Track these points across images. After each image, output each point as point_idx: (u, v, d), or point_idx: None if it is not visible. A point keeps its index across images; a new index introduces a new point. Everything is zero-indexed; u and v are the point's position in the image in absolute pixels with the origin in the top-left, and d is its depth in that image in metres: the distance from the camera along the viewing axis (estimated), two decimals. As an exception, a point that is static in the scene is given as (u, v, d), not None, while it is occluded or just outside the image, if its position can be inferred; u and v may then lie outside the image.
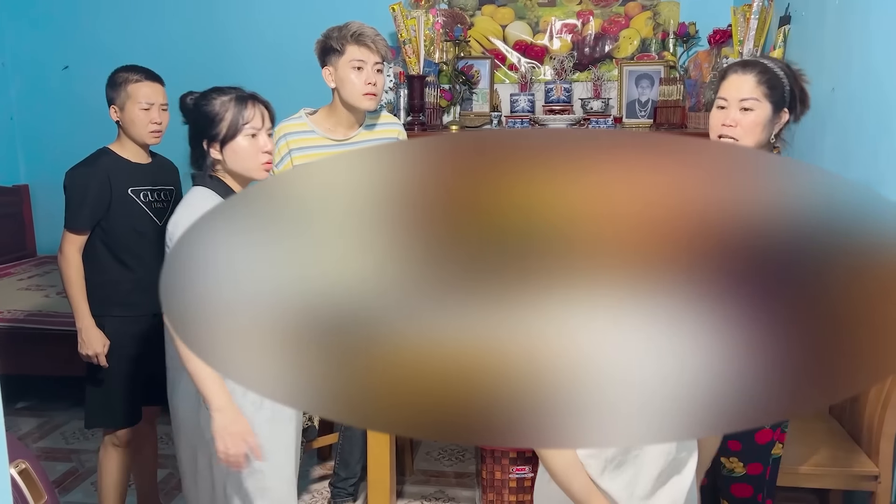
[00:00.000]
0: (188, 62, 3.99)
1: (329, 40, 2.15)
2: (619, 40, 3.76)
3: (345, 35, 2.13)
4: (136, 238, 2.19)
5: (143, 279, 2.20)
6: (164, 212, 2.27)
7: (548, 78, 3.80)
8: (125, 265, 2.19)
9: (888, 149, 2.13)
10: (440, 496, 2.65)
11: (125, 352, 2.20)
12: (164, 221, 2.23)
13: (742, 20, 3.22)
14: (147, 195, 2.23)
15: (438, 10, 3.75)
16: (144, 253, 2.21)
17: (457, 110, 3.70)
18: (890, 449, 1.94)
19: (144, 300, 2.19)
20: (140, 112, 2.14)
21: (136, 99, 2.13)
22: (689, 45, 3.61)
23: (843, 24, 2.50)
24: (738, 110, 1.70)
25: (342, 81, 2.15)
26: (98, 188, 2.13)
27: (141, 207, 2.21)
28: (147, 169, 2.25)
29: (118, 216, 2.16)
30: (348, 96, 2.15)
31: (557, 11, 3.82)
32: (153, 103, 2.15)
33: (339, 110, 2.21)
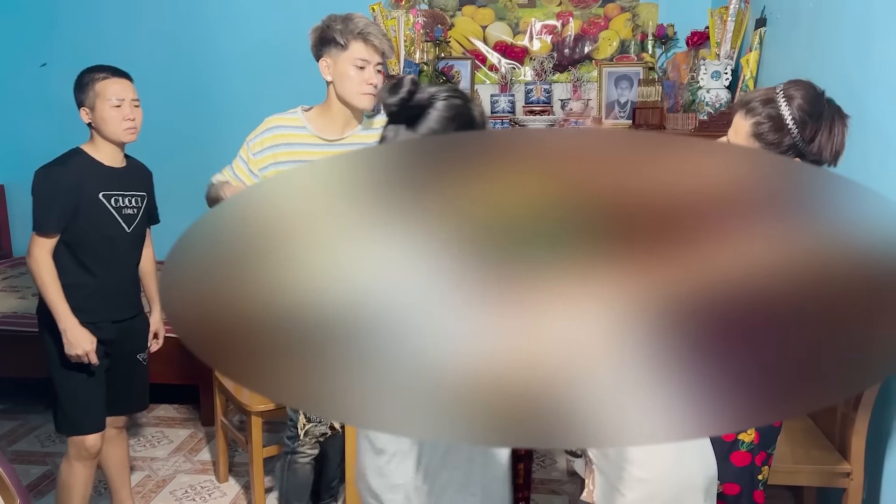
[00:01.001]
0: (170, 59, 3.96)
1: (331, 31, 2.01)
2: (598, 41, 3.78)
3: (351, 30, 2.00)
4: (103, 244, 2.13)
5: (105, 286, 2.15)
6: (133, 218, 2.21)
7: (528, 79, 3.82)
8: (88, 270, 2.13)
9: (860, 149, 2.16)
10: (419, 496, 2.65)
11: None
12: (133, 228, 2.21)
13: (719, 22, 3.25)
14: (118, 200, 2.17)
15: (419, 10, 3.75)
16: (110, 259, 2.16)
17: (437, 111, 3.69)
18: (861, 446, 1.97)
19: (104, 307, 2.15)
20: (111, 110, 2.08)
21: (105, 97, 2.08)
22: (667, 46, 3.63)
23: (816, 27, 2.53)
24: None
25: (341, 76, 2.03)
26: (68, 190, 2.06)
27: (111, 213, 2.14)
28: (120, 173, 2.19)
29: (86, 220, 2.10)
30: (345, 93, 2.04)
31: (537, 12, 3.84)
32: (123, 99, 2.10)
33: (334, 107, 2.08)
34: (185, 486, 2.73)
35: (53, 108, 3.91)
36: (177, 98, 3.97)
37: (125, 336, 2.23)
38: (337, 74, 2.03)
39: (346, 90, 2.03)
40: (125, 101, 2.10)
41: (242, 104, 3.97)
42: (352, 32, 1.99)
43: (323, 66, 2.05)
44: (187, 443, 3.05)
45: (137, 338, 2.30)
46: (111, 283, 2.17)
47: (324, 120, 2.09)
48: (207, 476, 2.79)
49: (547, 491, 2.68)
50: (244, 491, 2.68)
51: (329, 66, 2.04)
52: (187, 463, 2.89)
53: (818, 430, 2.16)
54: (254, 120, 2.13)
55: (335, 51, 2.02)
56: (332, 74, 2.05)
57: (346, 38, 1.99)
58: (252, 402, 2.42)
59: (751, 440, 1.66)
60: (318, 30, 2.06)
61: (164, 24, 3.98)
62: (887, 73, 2.01)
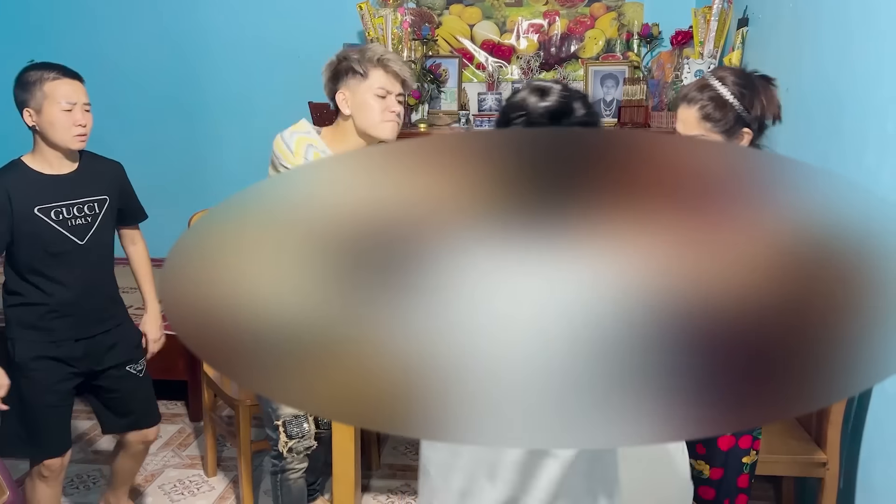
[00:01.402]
0: (162, 55, 3.97)
1: (348, 62, 1.93)
2: (584, 40, 3.82)
3: (370, 58, 1.92)
4: (51, 261, 1.96)
5: (62, 303, 1.99)
6: (87, 228, 2.03)
7: (515, 77, 3.85)
8: (40, 290, 1.97)
9: (837, 148, 2.21)
10: (406, 489, 2.68)
11: (46, 380, 1.99)
12: (89, 238, 2.02)
13: (703, 22, 3.30)
14: (61, 212, 1.98)
15: (406, 8, 3.78)
16: (64, 276, 1.99)
17: (425, 109, 3.73)
18: (837, 437, 2.01)
19: (64, 325, 2.00)
20: (61, 114, 1.91)
21: (54, 99, 1.90)
22: (652, 45, 3.67)
23: (797, 27, 2.58)
24: None
25: (361, 107, 1.93)
26: (0, 210, 1.89)
27: (52, 227, 1.96)
28: (66, 180, 2.00)
29: (25, 239, 1.92)
30: (367, 124, 1.93)
31: (524, 11, 3.87)
32: (75, 103, 1.92)
33: (350, 137, 1.97)
34: (174, 480, 2.75)
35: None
36: (167, 94, 3.98)
37: (103, 352, 2.09)
38: (356, 106, 1.94)
39: (367, 120, 1.93)
40: (76, 105, 1.93)
41: (233, 102, 3.99)
42: (371, 60, 1.92)
43: (340, 100, 1.95)
44: (176, 438, 3.07)
45: (118, 351, 2.13)
46: (69, 300, 2.00)
47: (338, 147, 1.99)
48: (196, 470, 2.81)
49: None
50: (232, 485, 2.71)
51: (347, 99, 1.94)
52: (176, 458, 2.91)
53: (795, 422, 2.21)
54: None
55: (353, 81, 1.93)
56: (350, 107, 1.94)
57: (365, 66, 1.91)
58: (240, 395, 2.44)
59: None
60: (332, 64, 1.98)
61: (158, 19, 3.98)
62: (863, 73, 2.05)
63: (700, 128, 1.69)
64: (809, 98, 2.44)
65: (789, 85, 2.61)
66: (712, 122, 1.67)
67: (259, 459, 2.66)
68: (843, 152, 2.16)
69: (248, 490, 2.47)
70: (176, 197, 3.75)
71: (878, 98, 1.95)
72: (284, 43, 3.85)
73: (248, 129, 3.96)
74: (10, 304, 2.01)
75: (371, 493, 2.63)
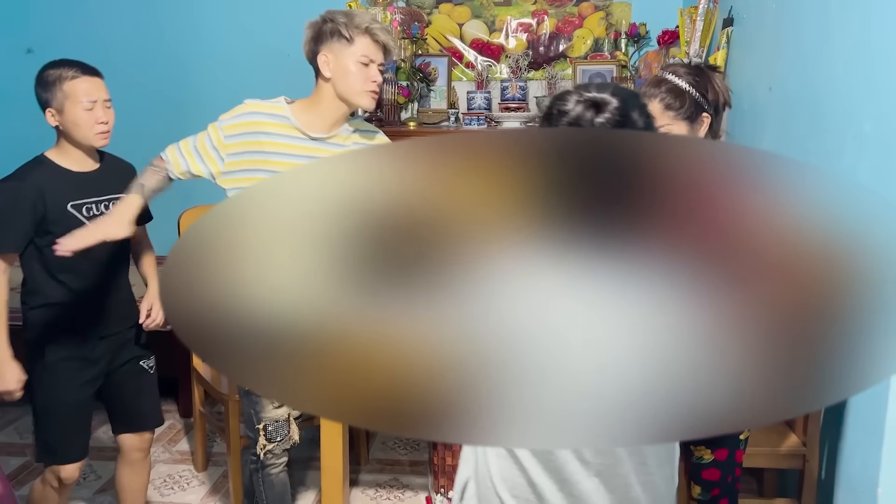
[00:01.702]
0: (152, 50, 3.98)
1: (335, 24, 1.90)
2: (572, 40, 3.86)
3: (358, 25, 1.90)
4: (79, 257, 1.90)
5: (87, 301, 1.99)
6: None
7: (504, 76, 3.88)
8: (66, 287, 1.97)
9: (817, 145, 2.24)
10: (394, 484, 2.71)
11: (72, 381, 1.99)
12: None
13: (689, 22, 3.34)
14: (91, 209, 1.99)
15: (396, 7, 3.81)
16: (89, 273, 1.99)
17: (414, 107, 3.75)
18: (817, 429, 2.05)
19: (88, 323, 2.01)
20: (83, 113, 1.91)
21: (75, 98, 1.89)
22: (639, 45, 3.71)
23: (780, 27, 2.62)
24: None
25: (343, 72, 1.91)
26: (27, 207, 1.90)
27: (83, 224, 1.94)
28: (92, 178, 2.02)
29: (56, 235, 1.86)
30: (348, 91, 1.92)
31: (513, 11, 3.90)
32: (95, 100, 1.92)
33: (327, 103, 1.96)
34: (164, 475, 2.77)
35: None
36: (155, 92, 3.99)
37: (119, 349, 2.10)
38: (338, 70, 1.92)
39: (348, 88, 1.92)
40: (97, 103, 1.93)
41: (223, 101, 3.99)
42: (358, 27, 1.91)
43: (322, 62, 1.93)
44: (166, 434, 3.09)
45: (135, 347, 2.14)
46: (94, 297, 2.01)
47: (309, 115, 1.97)
48: (186, 466, 2.84)
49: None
50: (222, 479, 2.73)
51: (329, 62, 1.92)
52: (166, 453, 2.93)
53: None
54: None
55: (338, 45, 1.91)
56: (331, 70, 1.92)
57: (352, 32, 1.90)
58: (230, 391, 2.47)
59: None
60: (315, 24, 1.95)
61: (149, 17, 3.99)
62: (842, 74, 2.09)
63: (664, 118, 1.83)
64: (792, 97, 2.48)
65: (773, 84, 2.65)
66: (675, 111, 1.83)
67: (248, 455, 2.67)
68: (823, 150, 2.19)
69: (237, 484, 2.49)
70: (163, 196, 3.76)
71: (856, 98, 1.99)
72: (274, 42, 3.87)
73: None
74: (33, 305, 1.99)
75: (360, 487, 2.66)
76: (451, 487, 2.41)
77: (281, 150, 1.95)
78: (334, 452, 2.16)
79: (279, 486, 2.16)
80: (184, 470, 2.81)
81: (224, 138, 1.94)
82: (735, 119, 3.08)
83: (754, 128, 2.83)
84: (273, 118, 1.95)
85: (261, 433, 2.06)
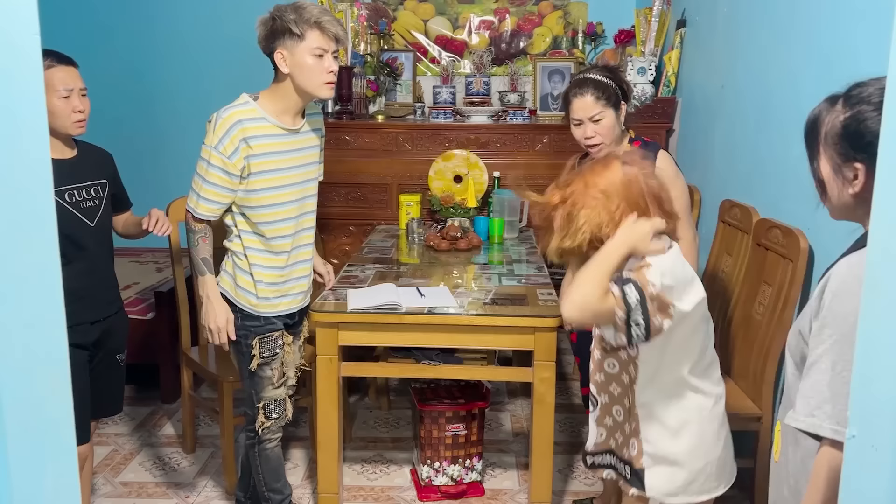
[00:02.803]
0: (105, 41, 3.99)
1: (284, 22, 1.97)
2: (532, 37, 4.05)
3: (307, 20, 1.96)
4: (67, 244, 1.91)
5: (77, 287, 1.95)
6: (95, 210, 2.05)
7: (467, 71, 4.05)
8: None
9: (767, 140, 2.48)
10: (379, 459, 2.86)
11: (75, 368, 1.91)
12: (98, 220, 2.05)
13: (644, 22, 3.56)
14: (73, 195, 2.00)
15: (363, 3, 3.93)
16: (77, 259, 1.98)
17: (382, 101, 3.88)
18: (770, 393, 2.28)
19: (80, 309, 1.99)
20: (59, 101, 1.90)
21: (52, 87, 1.89)
22: (596, 43, 3.92)
23: (731, 29, 2.85)
24: (591, 124, 2.24)
25: (300, 68, 1.99)
26: None
27: (67, 210, 1.97)
28: (72, 164, 2.01)
29: None
30: (307, 84, 2.01)
31: (476, 8, 4.07)
32: (72, 89, 1.93)
33: (290, 97, 2.05)
34: (153, 457, 2.85)
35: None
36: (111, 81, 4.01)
37: (106, 335, 2.12)
38: (295, 66, 2.00)
39: (308, 82, 2.01)
40: (73, 91, 1.93)
41: (189, 96, 4.05)
42: (307, 22, 1.97)
43: (278, 59, 2.00)
44: (149, 419, 3.16)
45: (118, 336, 2.17)
46: (85, 283, 2.01)
47: (277, 108, 2.06)
48: (174, 448, 2.92)
49: (496, 450, 2.93)
50: (211, 460, 2.83)
51: (285, 58, 2.00)
52: (152, 437, 3.00)
53: (730, 379, 2.47)
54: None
55: (290, 42, 1.98)
56: (289, 66, 2.00)
57: (302, 27, 1.97)
58: (222, 373, 2.57)
59: None
60: (266, 22, 2.01)
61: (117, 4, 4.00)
62: (791, 70, 2.32)
63: (597, 107, 2.21)
64: (742, 94, 2.71)
65: (725, 82, 2.89)
66: (604, 100, 2.21)
67: (237, 433, 2.78)
68: (773, 144, 2.42)
69: (230, 462, 2.59)
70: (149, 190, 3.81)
71: (804, 94, 2.21)
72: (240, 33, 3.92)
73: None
74: None
75: (346, 463, 2.79)
76: (437, 459, 2.57)
77: (268, 149, 2.05)
78: (330, 429, 2.29)
79: (274, 460, 2.27)
80: (172, 452, 2.89)
81: (227, 158, 2.00)
82: (688, 115, 3.32)
83: (707, 123, 3.06)
84: (253, 122, 2.03)
85: (260, 411, 2.17)
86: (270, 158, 2.06)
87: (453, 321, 2.20)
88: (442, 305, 2.24)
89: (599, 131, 2.23)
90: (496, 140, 3.52)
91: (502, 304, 2.28)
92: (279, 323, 2.16)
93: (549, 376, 2.21)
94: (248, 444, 2.24)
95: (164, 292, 3.20)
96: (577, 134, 2.28)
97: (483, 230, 3.13)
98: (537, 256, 2.85)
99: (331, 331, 2.21)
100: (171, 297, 3.01)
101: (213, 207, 2.05)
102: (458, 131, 3.54)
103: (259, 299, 2.11)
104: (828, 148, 1.18)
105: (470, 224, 3.20)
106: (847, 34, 1.97)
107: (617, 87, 2.24)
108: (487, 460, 2.80)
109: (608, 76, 2.25)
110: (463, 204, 3.27)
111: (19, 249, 0.74)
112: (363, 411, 3.25)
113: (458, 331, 2.22)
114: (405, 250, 3.00)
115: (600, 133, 2.23)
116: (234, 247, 2.12)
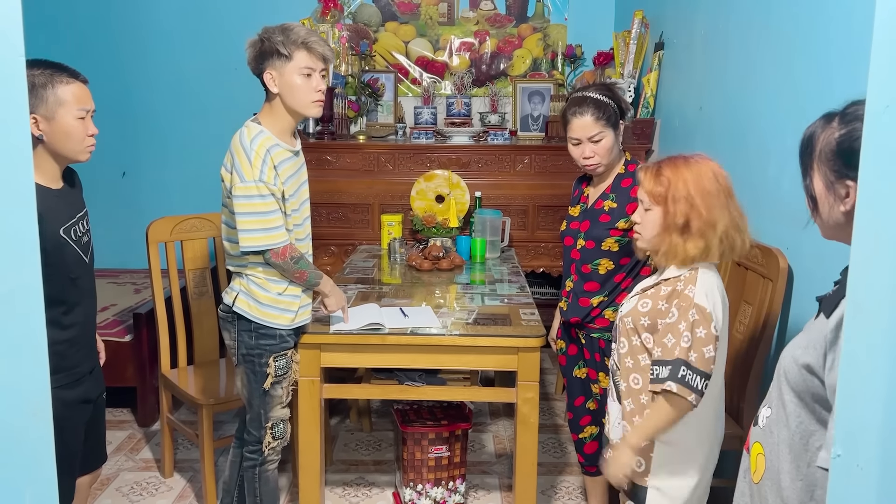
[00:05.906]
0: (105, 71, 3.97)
1: (272, 43, 2.00)
2: (512, 59, 4.09)
3: (294, 40, 2.00)
4: (69, 286, 1.73)
5: (78, 332, 1.79)
6: (89, 244, 1.85)
7: (448, 92, 4.07)
8: (57, 322, 1.70)
9: (745, 160, 2.51)
10: (361, 482, 2.83)
11: (69, 422, 1.76)
12: (90, 254, 1.85)
13: (623, 44, 3.61)
14: (75, 231, 1.78)
15: (344, 24, 3.94)
16: (77, 301, 1.78)
17: (363, 121, 3.89)
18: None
19: (80, 356, 1.81)
20: (76, 122, 1.69)
21: (69, 105, 1.67)
22: (575, 64, 3.97)
23: (708, 51, 2.90)
24: (590, 144, 2.21)
25: (290, 88, 2.03)
26: None
27: (73, 248, 1.76)
28: (67, 195, 1.79)
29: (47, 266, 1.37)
30: (296, 104, 2.05)
31: (456, 30, 4.10)
32: (88, 109, 1.73)
33: (284, 118, 2.08)
34: (131, 482, 2.80)
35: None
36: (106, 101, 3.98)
37: (95, 384, 1.91)
38: (284, 86, 2.03)
39: (297, 101, 2.05)
40: (89, 113, 1.74)
41: (172, 112, 4.04)
42: (294, 42, 2.01)
43: (268, 79, 2.04)
44: (126, 443, 3.10)
45: (99, 373, 1.95)
46: (82, 328, 1.82)
47: (277, 129, 2.08)
48: (152, 472, 2.87)
49: (479, 471, 2.91)
50: (190, 485, 2.78)
51: (274, 79, 2.03)
52: (129, 461, 2.95)
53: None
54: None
55: (279, 62, 2.01)
56: (278, 87, 2.04)
57: (290, 48, 2.00)
58: (202, 396, 2.54)
59: None
60: (255, 44, 2.04)
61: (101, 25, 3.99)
62: (766, 92, 2.36)
63: (597, 127, 2.18)
64: (719, 115, 2.75)
65: (702, 103, 2.93)
66: (604, 120, 2.18)
67: (216, 457, 2.74)
68: (749, 164, 2.46)
69: (211, 485, 2.55)
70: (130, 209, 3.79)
71: (778, 115, 2.25)
72: (222, 56, 3.94)
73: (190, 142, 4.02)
74: None
75: (328, 486, 2.76)
76: (420, 481, 2.55)
77: (288, 173, 2.08)
78: (311, 451, 2.27)
79: (273, 482, 2.27)
80: (150, 477, 2.84)
81: (272, 185, 2.01)
82: (667, 136, 3.36)
83: (685, 143, 3.10)
84: (276, 147, 2.04)
85: (268, 431, 2.17)
86: (290, 182, 2.09)
87: (436, 342, 2.19)
88: (425, 326, 2.23)
89: (598, 151, 2.20)
90: (477, 160, 3.54)
91: (485, 324, 2.28)
92: (292, 341, 2.15)
93: (532, 396, 2.21)
94: (249, 466, 2.22)
95: (143, 314, 3.16)
96: (574, 153, 2.25)
97: (465, 250, 3.13)
98: (519, 276, 2.86)
99: (313, 352, 2.20)
100: (150, 319, 2.97)
101: (285, 232, 2.05)
102: (439, 151, 3.55)
103: (281, 311, 2.09)
104: (822, 165, 1.19)
105: (452, 244, 3.20)
106: (821, 57, 2.01)
107: (616, 105, 2.22)
108: (470, 482, 2.78)
109: (607, 94, 2.21)
110: (445, 224, 3.28)
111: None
112: (345, 433, 3.22)
113: (441, 351, 2.21)
114: (387, 270, 2.99)
115: (598, 153, 2.20)
116: (251, 271, 2.08)
